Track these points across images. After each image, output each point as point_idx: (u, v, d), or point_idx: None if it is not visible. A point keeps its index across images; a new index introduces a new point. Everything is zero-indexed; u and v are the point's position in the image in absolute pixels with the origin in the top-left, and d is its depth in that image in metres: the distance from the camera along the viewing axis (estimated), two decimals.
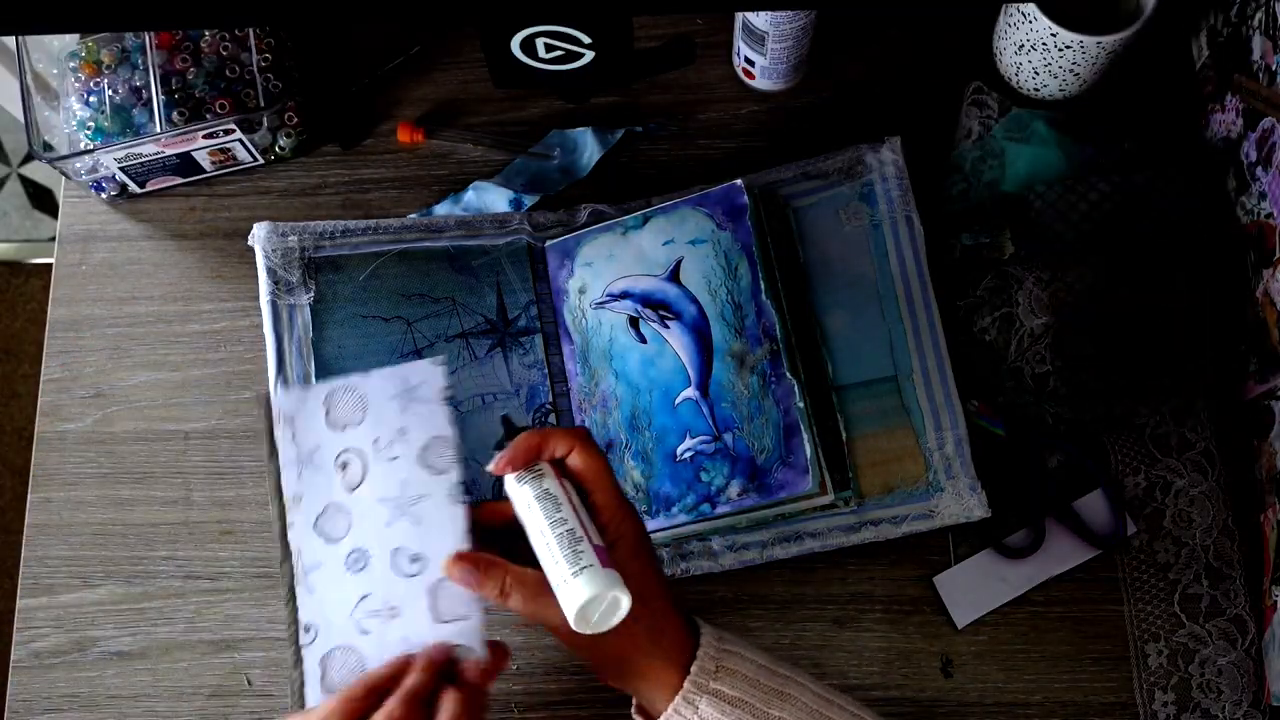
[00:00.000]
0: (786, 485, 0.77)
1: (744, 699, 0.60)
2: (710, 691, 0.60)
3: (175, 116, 0.86)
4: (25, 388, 1.66)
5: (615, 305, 0.84)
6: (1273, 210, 0.80)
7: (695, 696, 0.60)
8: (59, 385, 0.88)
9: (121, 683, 0.81)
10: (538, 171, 0.91)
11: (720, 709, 0.59)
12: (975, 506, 0.79)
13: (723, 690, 0.60)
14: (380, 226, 0.85)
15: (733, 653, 0.61)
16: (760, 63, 0.88)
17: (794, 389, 0.78)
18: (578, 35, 0.84)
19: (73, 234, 0.91)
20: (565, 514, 0.61)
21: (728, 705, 0.60)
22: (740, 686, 0.60)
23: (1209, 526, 0.81)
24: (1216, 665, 0.79)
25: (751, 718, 0.59)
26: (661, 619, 0.61)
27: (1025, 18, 0.83)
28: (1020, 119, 0.87)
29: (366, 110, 0.93)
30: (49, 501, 0.85)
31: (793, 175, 0.87)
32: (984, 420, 0.82)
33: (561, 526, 0.60)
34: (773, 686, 0.61)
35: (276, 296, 0.82)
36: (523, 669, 0.81)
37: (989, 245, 0.85)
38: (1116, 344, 0.83)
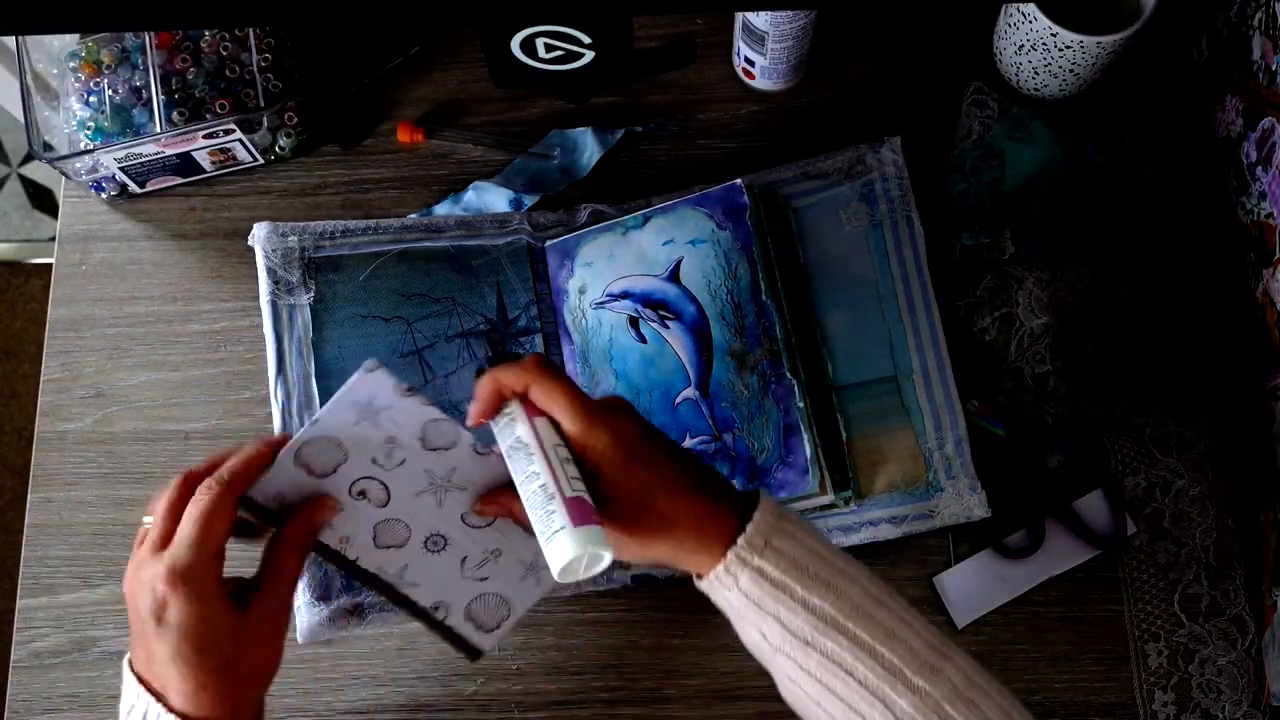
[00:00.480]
0: (786, 485, 0.77)
1: (786, 581, 0.58)
2: (754, 568, 0.58)
3: (175, 116, 0.86)
4: (25, 388, 1.66)
5: (615, 305, 0.84)
6: (1273, 210, 0.80)
7: (738, 570, 0.58)
8: (59, 385, 0.88)
9: (121, 683, 0.81)
10: (538, 171, 0.91)
11: (760, 586, 0.58)
12: (975, 506, 0.79)
13: (766, 569, 0.58)
14: (380, 226, 0.85)
15: (786, 532, 0.59)
16: (760, 63, 0.88)
17: (794, 389, 0.78)
18: (578, 35, 0.84)
19: (73, 234, 0.91)
20: (536, 466, 0.59)
21: (768, 584, 0.58)
22: (785, 567, 0.58)
23: (1209, 526, 0.81)
24: (1216, 665, 0.79)
25: (791, 600, 0.58)
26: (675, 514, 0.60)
27: (1025, 18, 0.83)
28: (1020, 119, 0.87)
29: (366, 110, 0.93)
30: (49, 501, 0.85)
31: (793, 175, 0.87)
32: (984, 420, 0.82)
33: (534, 483, 0.59)
34: (821, 575, 0.58)
35: (276, 296, 0.82)
36: (523, 669, 0.81)
37: (989, 245, 0.85)
38: (1116, 344, 0.83)
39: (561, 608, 0.82)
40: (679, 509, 0.60)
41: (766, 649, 0.60)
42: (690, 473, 0.61)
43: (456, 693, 0.80)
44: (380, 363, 0.63)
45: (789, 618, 0.58)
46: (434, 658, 0.81)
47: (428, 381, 0.82)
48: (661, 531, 0.60)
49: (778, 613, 0.58)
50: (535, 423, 0.61)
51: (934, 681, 0.57)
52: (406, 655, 0.81)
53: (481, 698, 0.80)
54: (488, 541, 0.67)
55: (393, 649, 0.81)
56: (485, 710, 0.80)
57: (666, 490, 0.60)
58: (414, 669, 0.81)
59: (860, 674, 0.57)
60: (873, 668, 0.57)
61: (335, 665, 0.81)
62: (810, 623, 0.58)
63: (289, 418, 0.80)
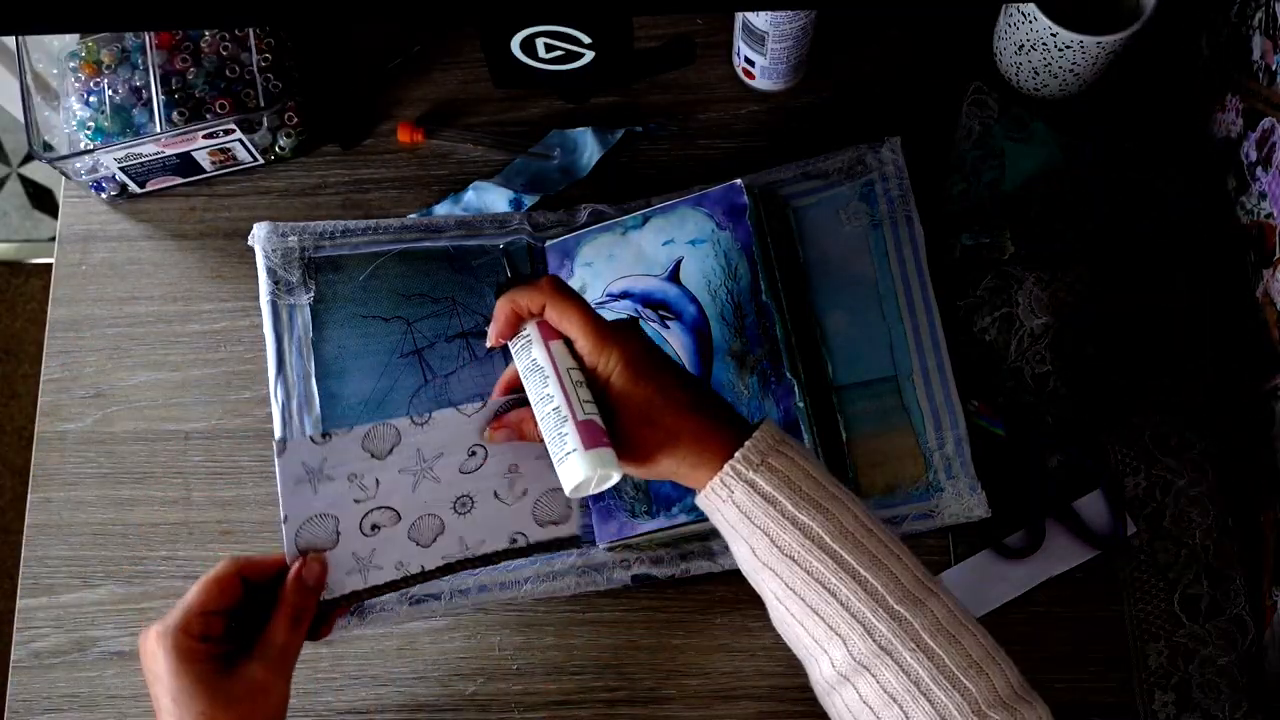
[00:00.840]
0: None
1: (777, 496, 0.60)
2: (746, 480, 0.60)
3: (175, 116, 0.86)
4: (25, 388, 1.66)
5: (615, 305, 0.84)
6: (1273, 210, 0.80)
7: (732, 482, 0.60)
8: (59, 385, 0.88)
9: (121, 683, 0.81)
10: (538, 171, 0.91)
11: (751, 499, 0.60)
12: (975, 506, 0.79)
13: (758, 483, 0.60)
14: (380, 226, 0.85)
15: (785, 454, 0.61)
16: (760, 63, 0.88)
17: (794, 389, 0.78)
18: (578, 35, 0.84)
19: (73, 234, 0.91)
20: (551, 388, 0.63)
21: (759, 498, 0.60)
22: (777, 484, 0.60)
23: (1209, 526, 0.81)
24: (1216, 665, 0.79)
25: (780, 516, 0.60)
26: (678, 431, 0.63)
27: (1025, 18, 0.83)
28: (1020, 119, 0.87)
29: (366, 110, 0.93)
30: (49, 501, 0.85)
31: (793, 175, 0.87)
32: (984, 420, 0.82)
33: (547, 405, 0.63)
34: (813, 496, 0.60)
35: (276, 296, 0.82)
36: (523, 669, 0.81)
37: (989, 245, 0.85)
38: (1116, 344, 0.83)
39: (561, 608, 0.82)
40: (682, 425, 0.63)
41: (755, 565, 0.61)
42: (693, 392, 0.64)
43: (456, 693, 0.80)
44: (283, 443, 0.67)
45: (778, 533, 0.60)
46: (434, 658, 0.81)
47: (428, 381, 0.82)
48: (666, 446, 0.62)
49: (767, 527, 0.60)
50: (550, 346, 0.64)
51: (915, 611, 0.59)
52: (406, 655, 0.81)
53: (481, 698, 0.80)
54: (500, 467, 0.70)
55: (393, 649, 0.81)
56: (485, 710, 0.80)
57: (672, 407, 0.63)
58: (414, 669, 0.81)
59: (843, 596, 0.59)
60: (855, 591, 0.59)
61: (335, 665, 0.81)
62: (798, 540, 0.60)
63: (289, 418, 0.80)
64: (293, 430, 0.80)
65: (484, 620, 0.82)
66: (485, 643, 0.81)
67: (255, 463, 0.85)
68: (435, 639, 0.81)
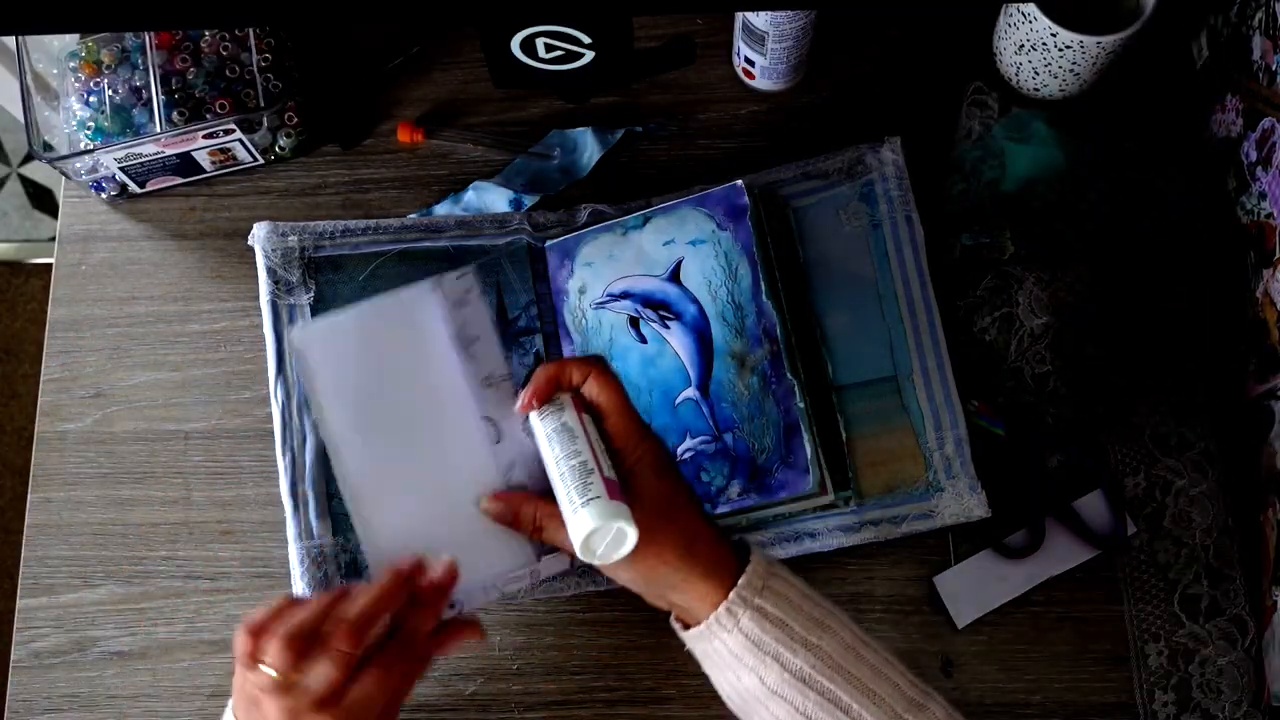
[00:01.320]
0: (786, 485, 0.77)
1: (786, 620, 0.60)
2: (754, 607, 0.60)
3: (175, 116, 0.86)
4: (25, 388, 1.66)
5: (615, 305, 0.84)
6: (1273, 210, 0.80)
7: (739, 610, 0.60)
8: (59, 385, 0.88)
9: (121, 683, 0.81)
10: (538, 171, 0.91)
11: (761, 626, 0.60)
12: (975, 506, 0.79)
13: (766, 608, 0.60)
14: (380, 226, 0.85)
15: (780, 576, 0.62)
16: (760, 63, 0.88)
17: (794, 389, 0.78)
18: (578, 35, 0.84)
19: (73, 234, 0.91)
20: (579, 446, 0.62)
21: (769, 624, 0.60)
22: (784, 608, 0.61)
23: (1209, 526, 0.81)
24: (1216, 665, 0.79)
25: (790, 640, 0.60)
26: (694, 535, 0.62)
27: (1025, 18, 0.83)
28: (1020, 119, 0.87)
29: (366, 110, 0.93)
30: (49, 501, 0.85)
31: (793, 175, 0.87)
32: (984, 420, 0.82)
33: (574, 459, 0.61)
34: (814, 616, 0.61)
35: (276, 296, 0.82)
36: (522, 669, 0.81)
37: (989, 245, 0.85)
38: (1116, 344, 0.83)
39: (561, 608, 0.82)
40: (699, 529, 0.63)
41: (763, 694, 0.61)
42: (696, 500, 0.64)
43: (456, 693, 0.80)
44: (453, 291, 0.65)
45: (789, 658, 0.60)
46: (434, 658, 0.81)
47: None
48: (682, 545, 0.62)
49: (778, 653, 0.60)
50: (582, 416, 0.64)
51: (921, 716, 0.60)
52: None
53: (481, 698, 0.80)
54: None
55: None
56: (485, 710, 0.80)
57: (691, 510, 0.63)
58: None
59: (855, 712, 0.60)
60: (866, 706, 0.60)
61: None
62: (809, 662, 0.60)
63: (289, 418, 0.80)
64: (292, 432, 0.80)
65: (484, 620, 0.81)
66: (485, 643, 0.81)
67: (255, 463, 0.85)
68: None
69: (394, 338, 0.66)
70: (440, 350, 0.66)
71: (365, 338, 0.65)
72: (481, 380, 0.66)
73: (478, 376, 0.66)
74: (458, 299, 0.66)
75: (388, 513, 0.65)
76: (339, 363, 0.65)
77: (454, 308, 0.66)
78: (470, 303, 0.66)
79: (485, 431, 0.67)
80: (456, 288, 0.66)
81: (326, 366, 0.65)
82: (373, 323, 0.66)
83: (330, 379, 0.65)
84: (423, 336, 0.66)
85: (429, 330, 0.66)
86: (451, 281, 0.66)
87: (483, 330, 0.67)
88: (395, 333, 0.66)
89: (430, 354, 0.66)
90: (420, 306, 0.65)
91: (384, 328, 0.66)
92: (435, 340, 0.66)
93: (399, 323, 0.66)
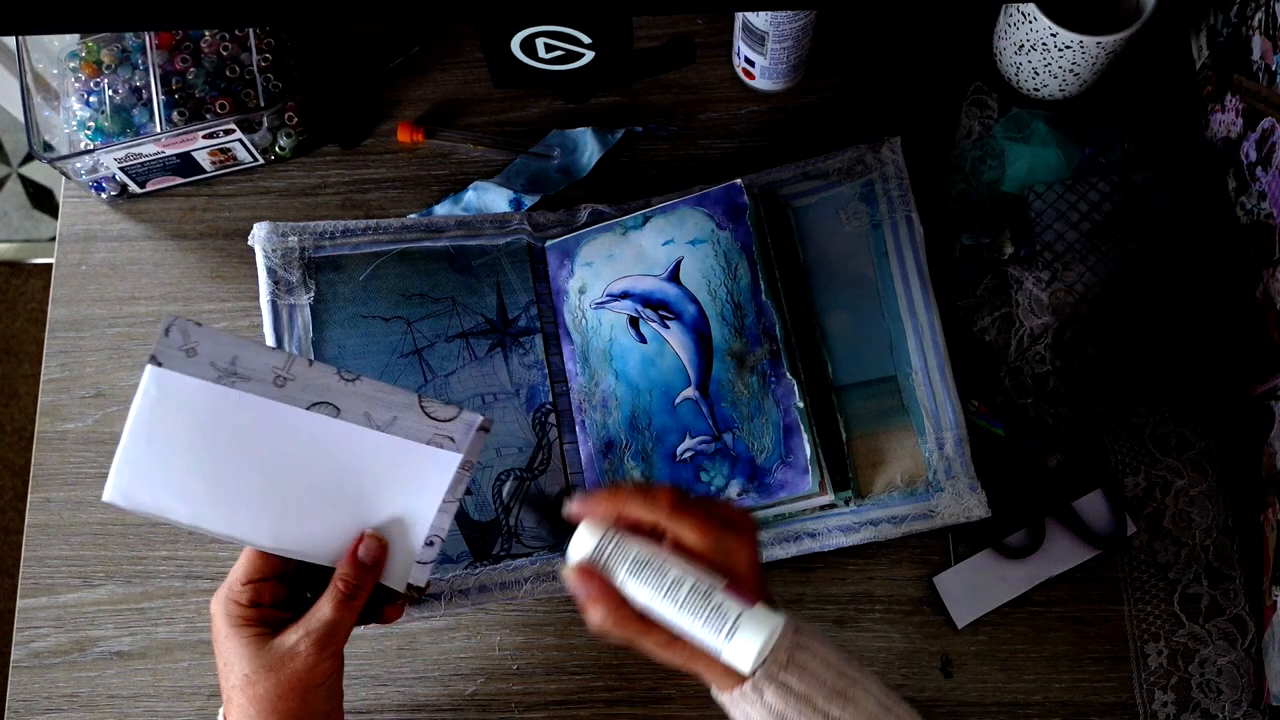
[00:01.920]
0: (786, 485, 0.77)
1: (809, 695, 0.60)
2: (779, 682, 0.60)
3: (175, 116, 0.86)
4: (25, 388, 1.66)
5: (615, 305, 0.84)
6: (1273, 210, 0.80)
7: (764, 685, 0.60)
8: (59, 385, 0.88)
9: (121, 683, 0.81)
10: (538, 171, 0.91)
11: (785, 699, 0.60)
12: (975, 506, 0.79)
13: (790, 682, 0.60)
14: (380, 226, 0.85)
15: (806, 648, 0.61)
16: (760, 63, 0.88)
17: (794, 389, 0.78)
18: (578, 35, 0.84)
19: (73, 234, 0.91)
20: (675, 573, 0.58)
21: (793, 698, 0.60)
22: (808, 681, 0.60)
23: (1209, 526, 0.81)
24: (1216, 665, 0.79)
25: (813, 712, 0.60)
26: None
27: (1025, 18, 0.83)
28: (1020, 119, 0.87)
29: (366, 110, 0.93)
30: (49, 501, 0.85)
31: (793, 175, 0.87)
32: (984, 420, 0.82)
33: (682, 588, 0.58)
34: (838, 687, 0.61)
35: (276, 296, 0.82)
36: (523, 669, 0.81)
37: (989, 245, 0.85)
38: (1116, 344, 0.83)
39: (561, 608, 0.82)
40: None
41: None
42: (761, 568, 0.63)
43: (456, 693, 0.80)
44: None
45: None
46: (434, 658, 0.81)
47: (428, 381, 0.82)
48: None
49: None
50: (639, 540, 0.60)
51: None
52: (406, 655, 0.81)
53: (481, 698, 0.80)
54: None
55: (393, 649, 0.81)
56: (485, 710, 0.80)
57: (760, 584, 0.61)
58: (414, 669, 0.81)
59: None
60: None
61: None
62: None
63: None
64: None
65: (484, 620, 0.82)
66: (485, 643, 0.81)
67: None
68: (435, 639, 0.81)
69: (178, 427, 0.65)
70: (219, 397, 0.65)
71: (159, 448, 0.64)
72: (274, 383, 0.65)
73: (268, 384, 0.65)
74: (184, 351, 0.64)
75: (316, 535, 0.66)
76: (168, 485, 0.64)
77: (187, 360, 0.64)
78: (198, 343, 0.64)
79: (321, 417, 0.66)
80: (171, 344, 0.64)
81: (162, 497, 0.64)
82: (151, 431, 0.64)
83: (176, 503, 0.65)
84: (194, 404, 0.64)
85: (192, 395, 0.64)
86: (162, 343, 0.64)
87: (231, 349, 0.65)
88: (174, 423, 0.64)
89: (215, 408, 0.65)
90: (166, 387, 0.64)
91: (163, 427, 0.64)
92: (206, 396, 0.64)
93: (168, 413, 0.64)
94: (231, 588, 0.65)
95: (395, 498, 0.67)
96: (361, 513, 0.66)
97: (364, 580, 0.65)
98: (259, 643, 0.63)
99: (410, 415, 0.66)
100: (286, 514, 0.66)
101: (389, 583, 0.66)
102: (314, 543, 0.66)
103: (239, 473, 0.65)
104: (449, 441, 0.67)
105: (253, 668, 0.63)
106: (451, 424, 0.67)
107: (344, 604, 0.64)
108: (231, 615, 0.64)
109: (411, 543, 0.67)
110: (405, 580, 0.66)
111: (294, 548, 0.65)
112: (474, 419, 0.67)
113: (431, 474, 0.67)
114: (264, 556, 0.65)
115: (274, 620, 0.65)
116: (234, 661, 0.63)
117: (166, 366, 0.64)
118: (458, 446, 0.67)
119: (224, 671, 0.64)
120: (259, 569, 0.65)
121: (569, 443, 0.83)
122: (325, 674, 0.65)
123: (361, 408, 0.66)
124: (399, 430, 0.66)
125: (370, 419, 0.66)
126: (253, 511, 0.65)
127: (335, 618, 0.64)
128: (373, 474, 0.66)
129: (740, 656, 0.57)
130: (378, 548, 0.66)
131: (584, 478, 0.82)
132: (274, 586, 0.66)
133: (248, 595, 0.65)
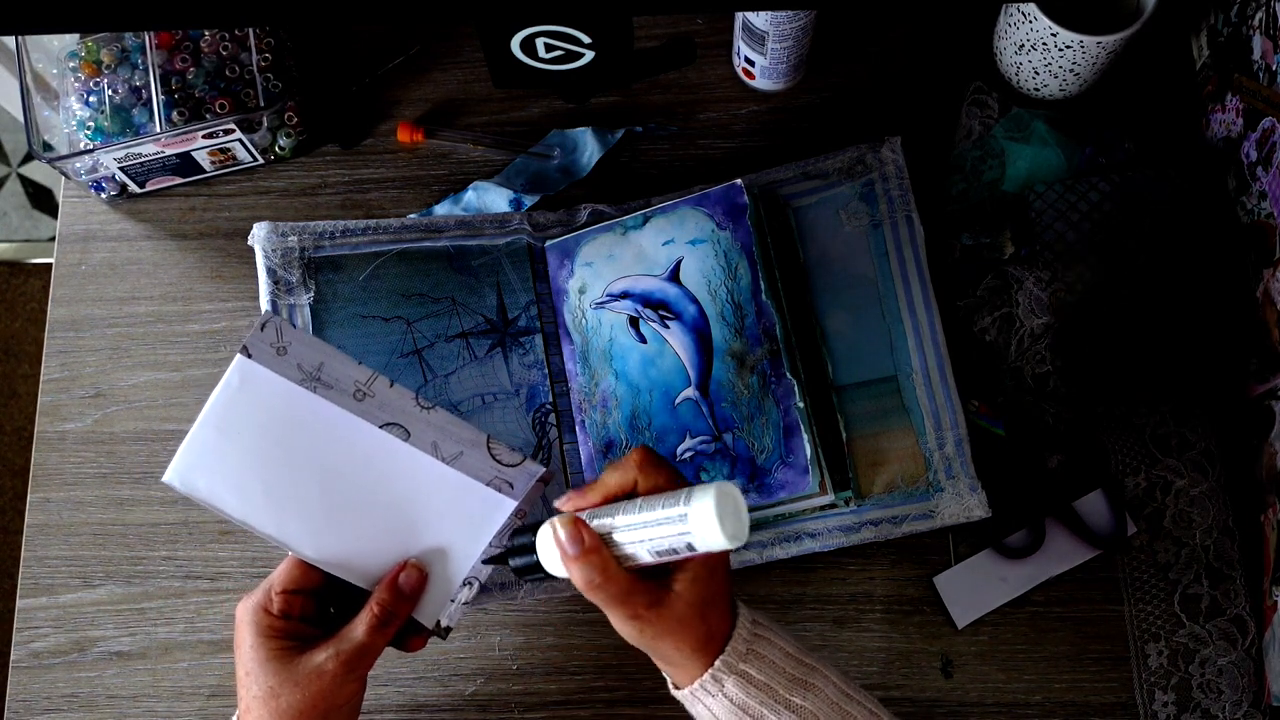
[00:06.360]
0: (786, 485, 0.77)
1: (769, 684, 0.60)
2: (739, 672, 0.60)
3: (175, 116, 0.86)
4: (25, 388, 1.66)
5: (615, 305, 0.84)
6: (1273, 210, 0.80)
7: (723, 676, 0.60)
8: (59, 385, 0.88)
9: (121, 683, 0.81)
10: (538, 171, 0.91)
11: (745, 690, 0.60)
12: (975, 506, 0.79)
13: (750, 673, 0.60)
14: (380, 226, 0.85)
15: (765, 638, 0.62)
16: (760, 63, 0.88)
17: (794, 389, 0.78)
18: (578, 35, 0.84)
19: (73, 234, 0.91)
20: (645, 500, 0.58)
21: (753, 688, 0.60)
22: (767, 671, 0.61)
23: (1209, 526, 0.81)
24: (1216, 665, 0.79)
25: (774, 702, 0.60)
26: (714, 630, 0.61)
27: (1025, 18, 0.83)
28: (1020, 119, 0.87)
29: (366, 110, 0.93)
30: (49, 501, 0.85)
31: (793, 175, 0.87)
32: (984, 420, 0.82)
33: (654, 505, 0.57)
34: (798, 675, 0.61)
35: (276, 296, 0.82)
36: (523, 669, 0.81)
37: (989, 245, 0.85)
38: (1116, 344, 0.83)
39: (561, 608, 0.82)
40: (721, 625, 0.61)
41: None
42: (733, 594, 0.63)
43: (456, 693, 0.80)
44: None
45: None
46: (434, 658, 0.81)
47: (427, 381, 0.82)
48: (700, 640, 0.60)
49: (761, 715, 0.60)
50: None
51: None
52: (406, 655, 0.81)
53: (481, 698, 0.80)
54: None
55: (392, 649, 0.81)
56: (485, 710, 0.80)
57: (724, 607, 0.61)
58: (414, 669, 0.81)
59: None
60: None
61: None
62: None
63: None
64: None
65: (484, 620, 0.82)
66: (485, 643, 0.81)
67: None
68: (435, 639, 0.81)
69: (251, 421, 0.65)
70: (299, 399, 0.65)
71: (228, 438, 0.65)
72: (354, 396, 0.66)
73: (348, 396, 0.66)
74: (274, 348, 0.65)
75: (360, 554, 0.66)
76: (226, 476, 0.65)
77: (275, 357, 0.65)
78: (290, 343, 0.65)
79: (391, 437, 0.67)
80: (264, 339, 0.65)
81: (218, 487, 0.65)
82: (224, 420, 0.65)
83: (231, 495, 0.65)
84: (273, 402, 0.65)
85: (273, 392, 0.65)
86: (256, 336, 0.65)
87: (319, 355, 0.66)
88: (249, 416, 0.65)
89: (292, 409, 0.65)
90: (250, 379, 0.65)
91: (237, 418, 0.65)
92: (286, 396, 0.65)
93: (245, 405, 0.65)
94: (266, 595, 0.64)
95: (444, 531, 0.67)
96: (408, 540, 0.66)
97: (399, 608, 0.65)
98: (286, 656, 0.63)
99: (476, 453, 0.67)
100: (335, 527, 0.66)
101: (420, 617, 0.66)
102: (355, 561, 0.66)
103: (299, 477, 0.65)
104: (508, 487, 0.67)
105: (278, 680, 0.63)
106: (514, 470, 0.67)
107: (377, 629, 0.64)
108: (260, 624, 0.64)
109: (450, 579, 0.67)
110: (436, 617, 0.67)
111: (335, 562, 0.65)
112: (536, 470, 0.67)
113: (485, 515, 0.67)
114: (304, 568, 0.65)
115: (301, 634, 0.64)
116: (257, 672, 0.63)
117: (255, 360, 0.65)
118: (515, 494, 0.67)
119: (244, 680, 0.64)
120: (297, 580, 0.65)
121: (569, 443, 0.83)
122: (349, 695, 0.64)
123: (431, 436, 0.66)
124: (462, 466, 0.67)
125: (437, 449, 0.67)
126: (303, 518, 0.65)
127: (367, 641, 0.64)
128: (427, 504, 0.66)
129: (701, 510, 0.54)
130: (418, 578, 0.66)
131: (584, 478, 0.82)
132: (305, 600, 0.65)
133: (280, 605, 0.64)
